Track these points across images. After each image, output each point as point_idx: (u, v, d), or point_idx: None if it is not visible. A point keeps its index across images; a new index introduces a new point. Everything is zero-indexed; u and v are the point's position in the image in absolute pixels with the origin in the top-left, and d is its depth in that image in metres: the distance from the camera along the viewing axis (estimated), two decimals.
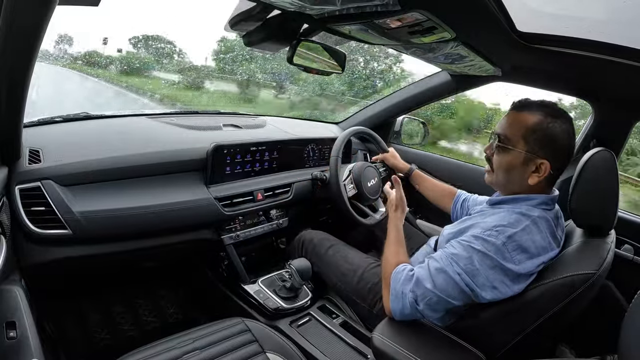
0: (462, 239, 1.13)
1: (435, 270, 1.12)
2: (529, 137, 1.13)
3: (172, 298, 2.15)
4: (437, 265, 1.12)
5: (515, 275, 1.06)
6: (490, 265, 1.06)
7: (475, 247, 1.08)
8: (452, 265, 1.09)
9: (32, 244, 1.29)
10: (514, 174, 1.17)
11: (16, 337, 1.03)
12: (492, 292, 1.06)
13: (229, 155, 1.75)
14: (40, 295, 1.40)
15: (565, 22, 1.27)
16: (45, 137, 1.46)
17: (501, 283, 1.06)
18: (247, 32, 1.22)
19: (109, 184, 1.43)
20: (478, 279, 1.06)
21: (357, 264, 1.65)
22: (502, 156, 1.18)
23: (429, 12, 0.94)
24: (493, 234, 1.08)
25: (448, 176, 2.26)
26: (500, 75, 1.77)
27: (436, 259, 1.15)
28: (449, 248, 1.14)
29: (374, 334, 1.13)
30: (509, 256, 1.05)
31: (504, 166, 1.18)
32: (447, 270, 1.09)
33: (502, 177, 1.21)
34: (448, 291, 1.09)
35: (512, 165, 1.16)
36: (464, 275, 1.07)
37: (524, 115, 1.15)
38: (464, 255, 1.09)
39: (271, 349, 1.28)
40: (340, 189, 1.87)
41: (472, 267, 1.07)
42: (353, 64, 7.32)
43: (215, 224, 1.73)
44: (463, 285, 1.07)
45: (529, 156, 1.13)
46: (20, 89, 1.00)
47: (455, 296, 1.09)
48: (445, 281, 1.09)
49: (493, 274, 1.05)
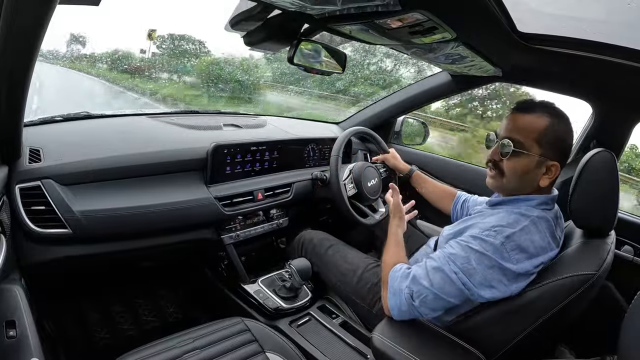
0: (461, 239, 1.14)
1: (432, 269, 1.12)
2: (542, 141, 1.12)
3: (171, 298, 2.15)
4: (435, 264, 1.13)
5: (514, 275, 1.06)
6: (488, 265, 1.06)
7: (473, 247, 1.08)
8: (449, 264, 1.10)
9: (32, 243, 1.29)
10: (527, 178, 1.17)
11: (16, 336, 1.03)
12: (490, 292, 1.06)
13: (229, 155, 1.75)
14: (40, 294, 1.40)
15: (566, 23, 1.28)
16: (46, 136, 1.46)
17: (499, 282, 1.06)
18: (248, 32, 1.23)
19: (109, 183, 1.43)
20: (475, 278, 1.06)
21: (357, 264, 1.65)
22: (516, 161, 1.16)
23: (429, 12, 0.94)
24: (491, 234, 1.08)
25: (449, 176, 2.26)
26: (500, 76, 1.77)
27: (434, 258, 1.15)
28: (447, 248, 1.15)
29: (373, 334, 1.13)
30: (507, 256, 1.05)
31: (520, 171, 1.16)
32: (444, 269, 1.10)
33: (516, 181, 1.19)
34: (445, 289, 1.09)
35: (527, 169, 1.15)
36: (460, 274, 1.08)
37: (532, 118, 1.14)
38: (462, 254, 1.09)
39: (271, 349, 1.28)
40: (341, 188, 1.87)
41: (469, 267, 1.07)
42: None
43: (215, 223, 1.73)
44: (460, 284, 1.08)
45: (542, 159, 1.13)
46: (20, 88, 1.00)
47: (452, 294, 1.09)
48: (442, 280, 1.09)
49: (491, 273, 1.06)
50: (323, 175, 2.00)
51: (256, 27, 1.20)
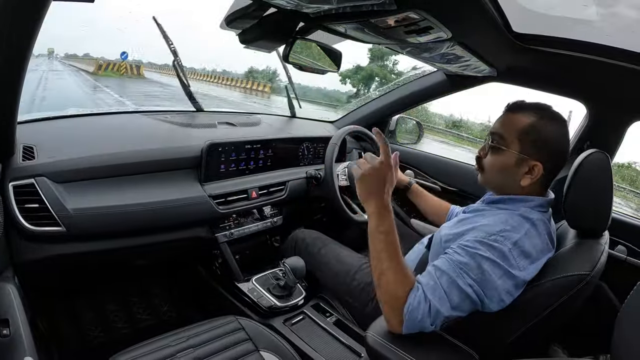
0: (466, 244, 1.08)
1: (447, 287, 1.03)
2: (523, 138, 1.12)
3: (166, 296, 2.15)
4: (447, 279, 1.04)
5: (522, 282, 1.04)
6: (498, 275, 1.03)
7: (483, 255, 1.04)
8: (463, 276, 1.03)
9: (26, 241, 1.28)
10: (506, 175, 1.16)
11: (9, 334, 1.02)
12: (498, 305, 1.04)
13: (223, 153, 1.75)
14: (34, 292, 1.39)
15: (561, 24, 1.28)
16: (40, 133, 1.45)
17: (507, 294, 1.03)
18: (243, 30, 1.22)
19: (103, 181, 1.42)
20: (488, 289, 1.03)
21: (350, 264, 1.65)
22: (495, 157, 1.17)
23: (425, 11, 0.94)
24: (499, 239, 1.05)
25: (443, 175, 2.27)
26: (495, 76, 1.78)
27: (444, 271, 1.05)
28: (454, 255, 1.07)
29: (367, 332, 1.12)
30: (514, 263, 1.03)
31: (497, 167, 1.17)
32: (458, 284, 1.03)
33: (495, 177, 1.20)
34: (462, 307, 1.04)
35: (504, 166, 1.15)
36: (475, 286, 1.03)
37: (518, 117, 1.14)
38: (473, 264, 1.04)
39: (265, 347, 1.28)
40: (335, 185, 1.87)
41: (482, 277, 1.03)
42: None
43: (209, 221, 1.73)
44: (474, 297, 1.03)
45: (522, 157, 1.12)
46: (14, 85, 1.00)
47: (465, 309, 1.05)
48: (459, 297, 1.03)
49: (501, 284, 1.03)
50: (317, 173, 2.00)
51: (251, 25, 1.19)
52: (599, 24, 1.22)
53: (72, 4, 1.00)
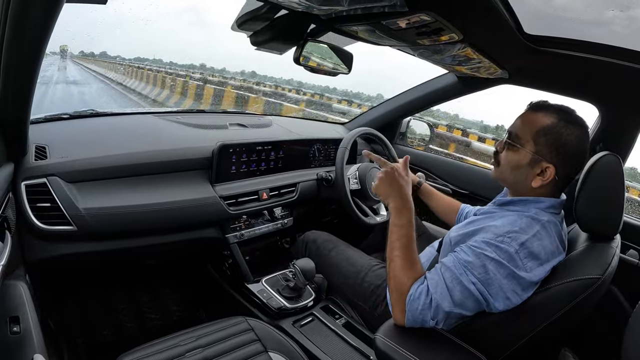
0: (474, 245, 1.10)
1: (450, 282, 1.08)
2: (538, 139, 1.11)
3: (175, 296, 2.16)
4: (450, 274, 1.08)
5: (528, 283, 1.04)
6: (504, 275, 1.03)
7: (489, 255, 1.05)
8: (467, 274, 1.06)
9: (37, 239, 1.29)
10: (518, 174, 1.16)
11: (20, 331, 1.03)
12: (504, 303, 1.04)
13: (234, 154, 1.76)
14: (45, 290, 1.41)
15: (573, 25, 1.27)
16: (52, 133, 1.47)
17: (513, 293, 1.03)
18: (255, 32, 1.23)
19: (114, 181, 1.44)
20: (492, 288, 1.04)
21: (360, 266, 1.64)
22: (510, 154, 1.17)
23: (436, 13, 0.94)
24: (506, 240, 1.05)
25: (453, 178, 2.26)
26: (507, 78, 1.77)
27: (449, 267, 1.10)
28: (460, 254, 1.11)
29: (376, 335, 1.12)
30: (521, 264, 1.03)
31: (511, 164, 1.17)
32: (461, 280, 1.06)
33: (508, 174, 1.20)
34: (465, 304, 1.06)
35: (518, 164, 1.15)
36: (478, 284, 1.05)
37: (538, 116, 1.14)
38: (478, 263, 1.06)
39: (273, 349, 1.28)
40: (345, 187, 1.87)
41: (486, 276, 1.04)
42: None
43: (219, 222, 1.74)
44: (478, 295, 1.05)
45: (535, 158, 1.12)
46: (27, 85, 1.01)
47: (469, 308, 1.07)
48: (462, 293, 1.06)
49: (507, 283, 1.03)
50: (328, 175, 2.00)
51: (263, 27, 1.20)
52: (614, 26, 1.21)
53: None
